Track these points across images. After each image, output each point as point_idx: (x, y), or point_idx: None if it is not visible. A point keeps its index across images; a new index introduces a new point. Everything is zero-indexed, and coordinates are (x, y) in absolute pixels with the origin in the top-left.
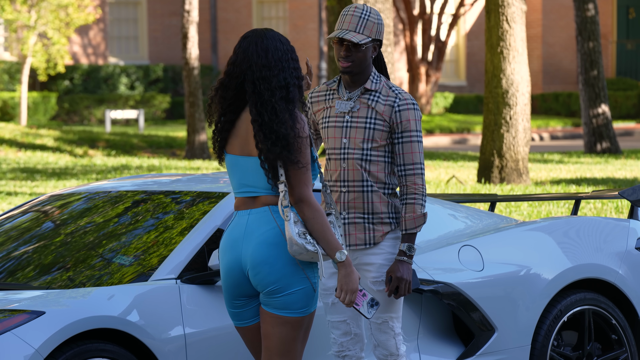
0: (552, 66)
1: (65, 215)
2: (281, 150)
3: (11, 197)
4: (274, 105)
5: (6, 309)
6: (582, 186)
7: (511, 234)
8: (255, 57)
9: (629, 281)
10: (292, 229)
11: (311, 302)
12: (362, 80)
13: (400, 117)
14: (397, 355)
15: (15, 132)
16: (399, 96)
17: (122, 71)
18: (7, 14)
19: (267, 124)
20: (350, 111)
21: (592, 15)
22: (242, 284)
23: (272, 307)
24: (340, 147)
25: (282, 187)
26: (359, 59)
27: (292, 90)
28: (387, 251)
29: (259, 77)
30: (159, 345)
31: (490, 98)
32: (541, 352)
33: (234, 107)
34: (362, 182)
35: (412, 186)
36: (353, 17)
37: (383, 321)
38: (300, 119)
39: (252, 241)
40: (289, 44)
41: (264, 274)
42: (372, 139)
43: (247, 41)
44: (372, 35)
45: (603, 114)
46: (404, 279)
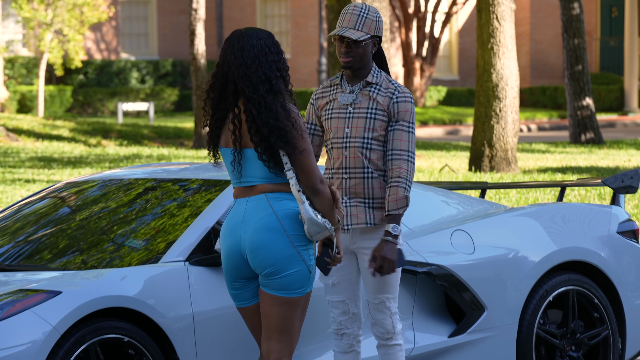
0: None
1: (80, 202)
2: (276, 140)
3: (29, 184)
4: (261, 100)
5: (25, 288)
6: (567, 174)
7: (500, 219)
8: (232, 58)
9: (611, 263)
10: (309, 210)
11: (307, 283)
12: (363, 75)
13: (398, 107)
14: (393, 333)
15: (33, 123)
16: (398, 89)
17: (133, 66)
18: (25, 12)
19: (257, 117)
20: (352, 103)
21: (577, 13)
22: (241, 267)
23: (271, 288)
24: (343, 136)
25: (290, 174)
26: (358, 55)
27: (275, 83)
28: None
29: (238, 76)
30: (168, 323)
31: (481, 91)
32: (528, 329)
33: (221, 105)
34: (362, 169)
35: (397, 170)
36: (352, 16)
37: (380, 301)
38: (293, 109)
39: (251, 227)
40: (270, 38)
41: (262, 257)
42: (373, 128)
43: (226, 43)
44: (370, 32)
45: (587, 106)
46: (388, 258)
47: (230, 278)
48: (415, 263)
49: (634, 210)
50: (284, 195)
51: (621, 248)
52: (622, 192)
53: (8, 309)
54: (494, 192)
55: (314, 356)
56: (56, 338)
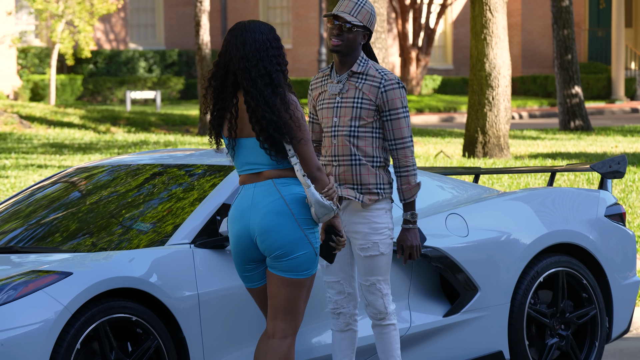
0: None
1: (90, 186)
2: (273, 132)
3: (41, 169)
4: (259, 94)
5: (38, 270)
6: (557, 160)
7: (493, 203)
8: (234, 50)
9: (599, 245)
10: (316, 194)
11: (313, 265)
12: (350, 63)
13: (387, 96)
14: (385, 313)
15: (45, 110)
16: (384, 77)
17: (140, 56)
18: (37, 4)
19: (256, 110)
20: (340, 92)
21: (566, 5)
22: (250, 250)
23: (279, 270)
24: (332, 125)
25: (294, 160)
26: (348, 40)
27: (276, 77)
28: (373, 221)
29: (239, 69)
30: (174, 303)
31: (475, 80)
32: (519, 309)
33: (223, 95)
34: (350, 156)
35: (403, 159)
36: (350, 2)
37: (371, 283)
38: (291, 100)
39: (259, 211)
40: (272, 32)
41: (271, 240)
42: (360, 117)
43: (230, 34)
44: (364, 22)
45: (576, 94)
46: (414, 245)
47: (241, 261)
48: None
49: (620, 195)
50: (291, 180)
51: (609, 231)
52: (609, 177)
53: (21, 289)
54: (487, 177)
55: (316, 334)
56: (67, 317)
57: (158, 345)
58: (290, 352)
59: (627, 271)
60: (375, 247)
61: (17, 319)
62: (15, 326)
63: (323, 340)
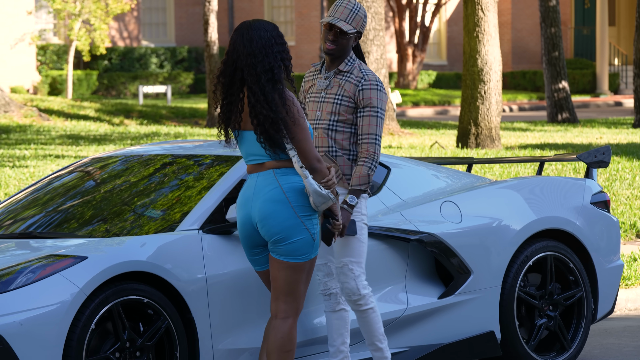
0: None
1: (105, 175)
2: (269, 127)
3: (59, 159)
4: (260, 90)
5: (55, 254)
6: (545, 150)
7: (485, 191)
8: (241, 47)
9: (585, 231)
10: (313, 184)
11: (311, 250)
12: (339, 62)
13: (363, 95)
14: (359, 295)
15: (63, 104)
16: (365, 77)
17: (152, 52)
18: (56, 4)
19: (255, 106)
20: (325, 88)
21: (553, 5)
22: (253, 235)
23: (278, 254)
24: (315, 118)
25: (292, 152)
26: (342, 45)
27: (277, 72)
28: None
29: (246, 65)
30: (184, 285)
31: (468, 75)
32: (510, 291)
33: (231, 90)
34: (327, 148)
35: (365, 152)
36: (345, 9)
37: (343, 264)
38: (289, 97)
39: (259, 199)
40: (275, 30)
41: (269, 226)
42: (338, 112)
43: (236, 33)
44: (357, 28)
45: (563, 89)
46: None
47: (248, 246)
48: (408, 231)
49: (605, 183)
50: (290, 170)
51: (594, 217)
52: (594, 167)
53: (40, 273)
54: (479, 166)
55: (317, 316)
56: (83, 299)
57: (168, 325)
58: (291, 331)
59: (612, 255)
60: (349, 228)
61: (35, 301)
62: (34, 307)
63: (324, 321)
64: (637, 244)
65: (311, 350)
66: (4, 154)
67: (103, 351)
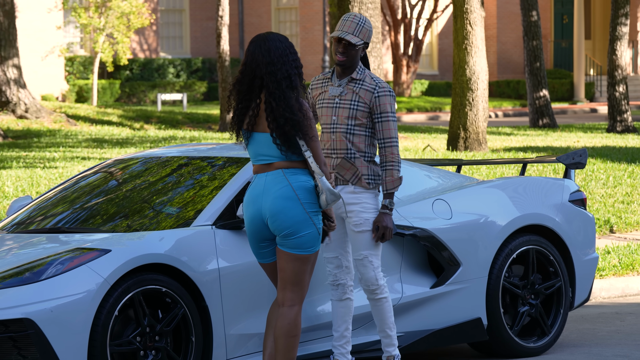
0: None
1: (126, 175)
2: (290, 129)
3: (85, 161)
4: (281, 95)
5: (82, 247)
6: (528, 153)
7: (473, 190)
8: (261, 57)
9: (563, 226)
10: (327, 183)
11: (317, 243)
12: (349, 72)
13: (379, 101)
14: (377, 285)
15: (89, 110)
16: (378, 85)
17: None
18: (82, 20)
19: (276, 109)
20: (339, 95)
21: (535, 20)
22: (262, 230)
23: (287, 247)
24: (331, 123)
25: (308, 154)
26: (352, 56)
27: (294, 79)
28: (365, 201)
29: (266, 73)
30: (198, 276)
31: (457, 84)
32: (496, 281)
33: (248, 96)
34: (346, 150)
35: (389, 155)
36: (352, 23)
37: (364, 257)
38: (304, 102)
39: (270, 196)
40: (287, 41)
41: (280, 221)
42: (355, 117)
43: (253, 45)
44: (364, 39)
45: (544, 96)
46: (388, 227)
47: (255, 240)
48: (402, 227)
49: (582, 183)
50: (298, 170)
51: (572, 214)
52: (572, 168)
53: (68, 264)
54: (468, 167)
55: (321, 303)
56: (107, 288)
57: (184, 312)
58: (297, 318)
59: (588, 249)
60: (366, 223)
61: (64, 290)
62: (62, 295)
63: (327, 308)
64: (610, 238)
65: (314, 335)
66: (35, 156)
67: (125, 336)
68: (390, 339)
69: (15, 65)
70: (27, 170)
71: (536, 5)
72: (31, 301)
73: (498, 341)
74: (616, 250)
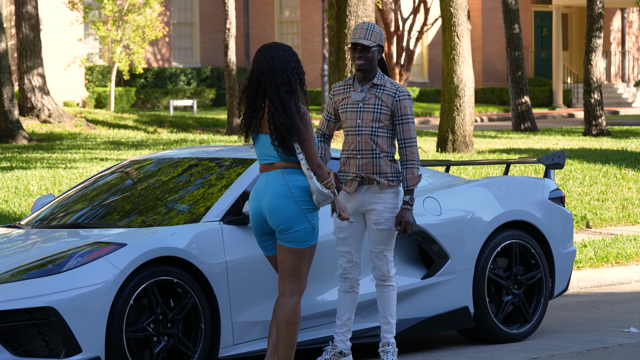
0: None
1: (141, 175)
2: (284, 131)
3: (103, 161)
4: (280, 100)
5: (100, 241)
6: (511, 154)
7: (461, 189)
8: (264, 64)
9: (544, 222)
10: (317, 184)
11: (312, 238)
12: (370, 78)
13: (400, 105)
14: (388, 276)
15: (106, 115)
16: (399, 90)
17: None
18: (101, 32)
19: (274, 114)
20: (362, 100)
21: (517, 32)
22: (263, 225)
23: (284, 241)
24: (356, 126)
25: (301, 156)
26: (369, 59)
27: (294, 85)
28: (387, 201)
29: (268, 79)
30: (207, 268)
31: (446, 91)
32: (481, 273)
33: (255, 101)
34: (371, 151)
35: (410, 155)
36: (362, 30)
37: (380, 251)
38: (302, 107)
39: (268, 194)
40: (291, 50)
41: (276, 217)
42: (379, 120)
43: (259, 53)
44: (376, 42)
45: (525, 102)
46: (410, 222)
47: (258, 234)
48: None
49: (561, 182)
50: (296, 170)
51: (552, 210)
52: (552, 168)
53: (87, 257)
54: (455, 167)
55: (320, 294)
56: (123, 279)
57: (194, 301)
58: (296, 307)
59: (566, 242)
60: (387, 222)
61: (84, 280)
62: (82, 286)
63: (326, 298)
64: (587, 233)
65: (314, 322)
66: (57, 157)
67: (140, 323)
68: (390, 326)
69: (39, 74)
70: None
71: (518, 19)
72: (53, 291)
73: (484, 328)
74: (592, 244)
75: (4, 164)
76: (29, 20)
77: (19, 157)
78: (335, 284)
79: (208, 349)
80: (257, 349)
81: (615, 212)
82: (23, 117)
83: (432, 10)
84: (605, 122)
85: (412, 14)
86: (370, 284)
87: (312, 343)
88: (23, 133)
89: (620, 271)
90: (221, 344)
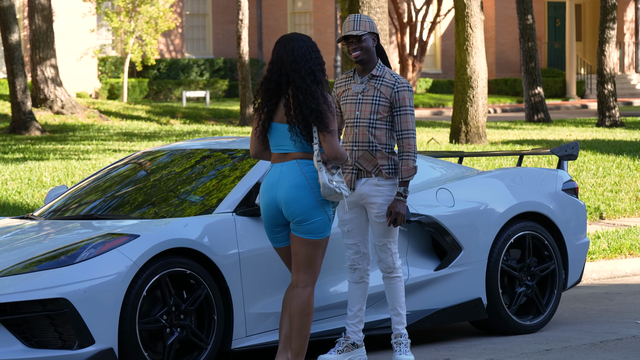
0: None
1: (154, 166)
2: (314, 120)
3: (116, 153)
4: (307, 88)
5: (113, 232)
6: (524, 145)
7: (474, 180)
8: (285, 56)
9: (557, 213)
10: (325, 177)
11: (327, 229)
12: (369, 69)
13: (398, 96)
14: (393, 268)
15: (119, 107)
16: (398, 81)
17: (194, 63)
18: (114, 24)
19: (303, 102)
20: (362, 92)
21: (530, 23)
22: (277, 216)
23: (300, 233)
24: (354, 117)
25: (316, 147)
26: (363, 48)
27: (318, 75)
28: (386, 194)
29: (291, 70)
30: (220, 259)
31: (459, 82)
32: (495, 264)
33: (277, 92)
34: (369, 143)
35: (406, 146)
36: (349, 22)
37: (383, 244)
38: (328, 96)
39: (285, 185)
40: (311, 40)
41: (293, 208)
42: (377, 111)
43: (278, 45)
44: (366, 29)
45: (539, 93)
46: (401, 213)
47: (269, 225)
48: (409, 214)
49: (574, 173)
50: (312, 161)
51: (565, 202)
52: (565, 159)
53: (100, 248)
54: (469, 159)
55: (333, 285)
56: (135, 270)
57: (207, 293)
58: (310, 298)
59: (580, 234)
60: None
61: (97, 271)
62: (95, 277)
63: (339, 289)
64: (600, 224)
65: (327, 314)
66: (70, 148)
67: (153, 314)
68: (400, 317)
69: (52, 66)
70: (63, 162)
71: (531, 10)
72: (66, 282)
73: (497, 319)
74: (605, 235)
75: (17, 155)
76: (42, 12)
77: (32, 148)
78: None
79: (221, 341)
80: (270, 340)
81: (628, 203)
82: (36, 109)
83: (445, 1)
84: (619, 113)
85: (425, 5)
86: (381, 276)
87: (325, 334)
88: (36, 124)
89: (634, 262)
90: (234, 335)
